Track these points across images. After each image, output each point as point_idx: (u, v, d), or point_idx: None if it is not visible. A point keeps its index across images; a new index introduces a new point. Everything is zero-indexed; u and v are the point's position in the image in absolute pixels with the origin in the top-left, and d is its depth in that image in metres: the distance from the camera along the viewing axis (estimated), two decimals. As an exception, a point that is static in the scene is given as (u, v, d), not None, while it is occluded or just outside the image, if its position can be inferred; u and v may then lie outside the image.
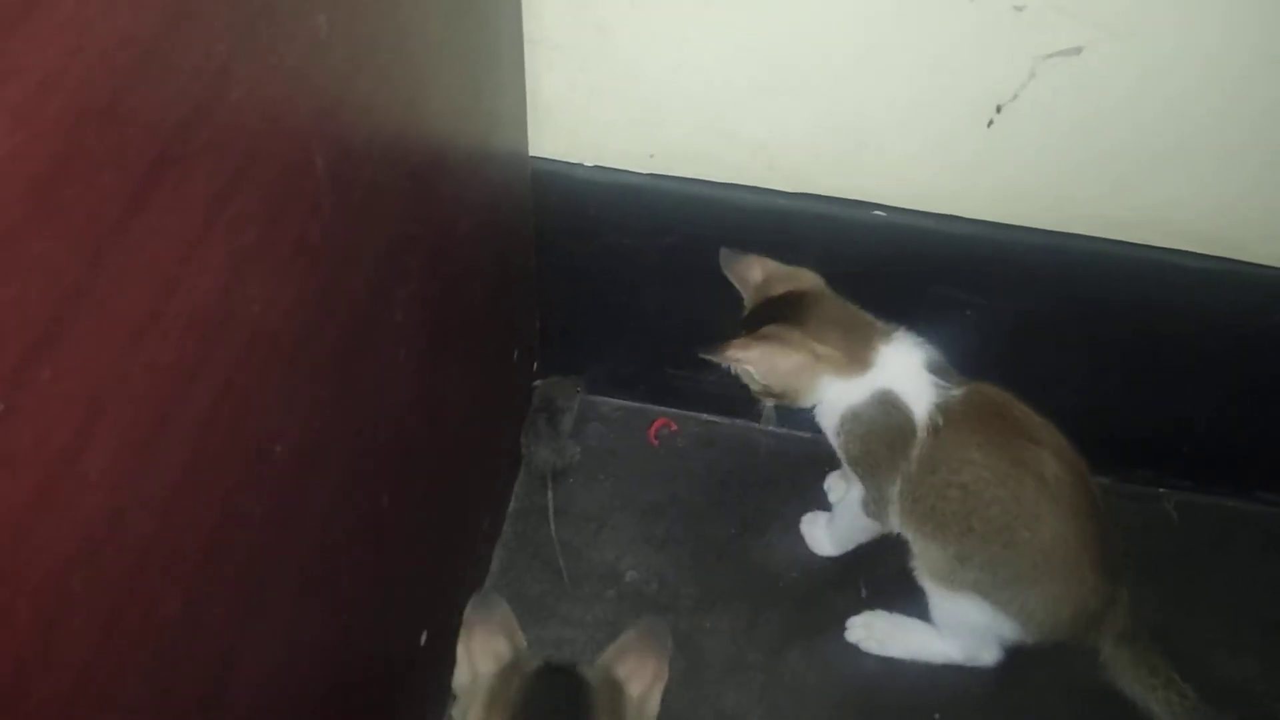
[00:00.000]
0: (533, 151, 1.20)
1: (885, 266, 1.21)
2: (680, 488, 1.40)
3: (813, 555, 1.33)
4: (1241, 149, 1.07)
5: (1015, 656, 1.20)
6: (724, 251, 1.17)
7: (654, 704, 0.92)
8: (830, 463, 1.30)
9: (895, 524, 1.16)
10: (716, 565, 1.34)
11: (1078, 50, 1.00)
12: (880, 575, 1.29)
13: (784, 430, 1.44)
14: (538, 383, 1.42)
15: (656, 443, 1.45)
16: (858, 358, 1.10)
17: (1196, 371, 1.27)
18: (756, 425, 1.43)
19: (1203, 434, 1.35)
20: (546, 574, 1.32)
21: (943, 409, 1.08)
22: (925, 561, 1.14)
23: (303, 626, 0.76)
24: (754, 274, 1.16)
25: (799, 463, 1.41)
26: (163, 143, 0.47)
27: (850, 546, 1.30)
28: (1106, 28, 0.99)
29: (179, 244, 0.49)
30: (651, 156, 1.18)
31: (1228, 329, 1.21)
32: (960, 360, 1.13)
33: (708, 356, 1.12)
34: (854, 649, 1.26)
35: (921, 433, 1.08)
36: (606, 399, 1.48)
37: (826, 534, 1.32)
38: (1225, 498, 1.40)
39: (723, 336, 1.21)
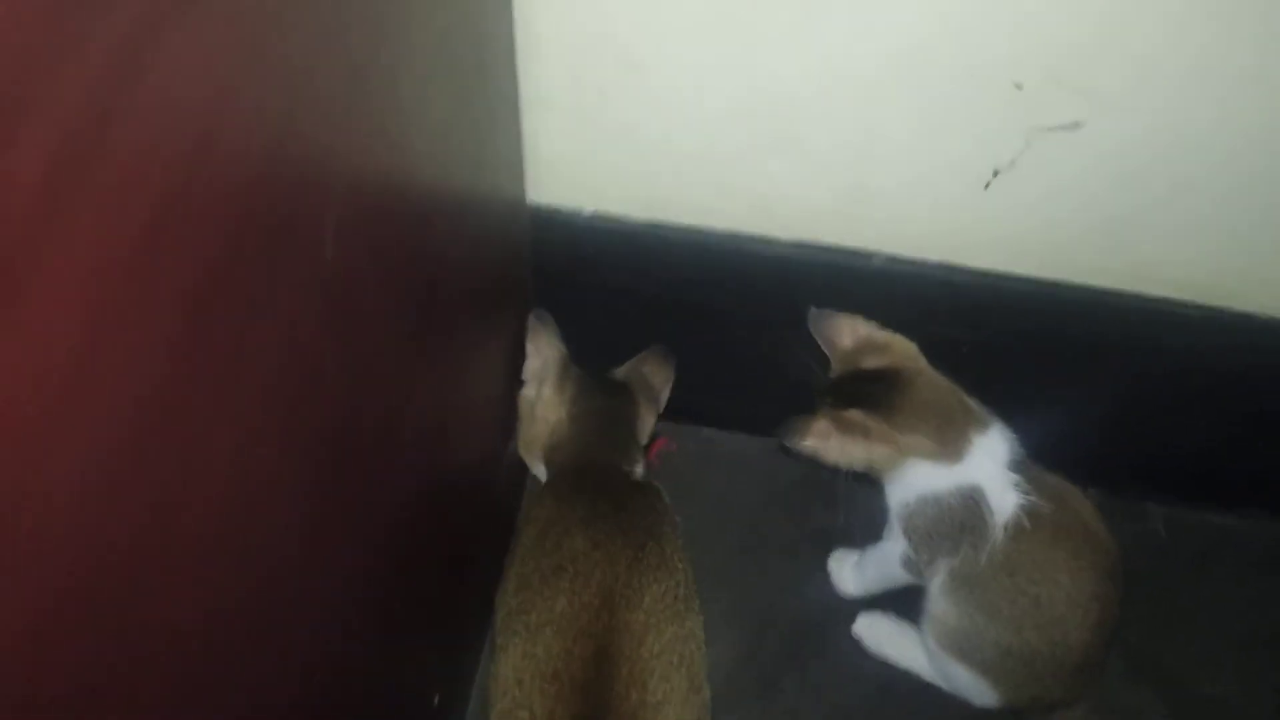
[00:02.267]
0: (531, 198, 1.19)
1: (883, 309, 1.22)
2: (680, 509, 1.42)
3: (811, 581, 1.36)
4: (1232, 210, 1.07)
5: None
6: (813, 311, 1.13)
7: (664, 397, 1.27)
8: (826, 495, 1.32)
9: (933, 586, 1.16)
10: (715, 591, 1.35)
11: (1076, 125, 0.99)
12: (880, 601, 1.33)
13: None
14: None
15: (658, 463, 1.46)
16: (949, 449, 1.08)
17: (1185, 402, 1.28)
18: (759, 440, 1.46)
19: (1191, 455, 1.38)
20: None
21: (1029, 515, 1.07)
22: (942, 626, 1.16)
23: (323, 691, 0.80)
24: (844, 340, 1.13)
25: (799, 483, 1.43)
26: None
27: (875, 591, 1.31)
28: (1106, 103, 0.98)
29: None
30: (649, 204, 1.18)
31: (1215, 367, 1.22)
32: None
33: (787, 444, 1.09)
34: (851, 679, 1.30)
35: (998, 534, 1.08)
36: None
37: (853, 576, 1.33)
38: (1212, 514, 1.44)
39: (728, 365, 1.27)
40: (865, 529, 1.39)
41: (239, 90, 0.50)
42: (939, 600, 1.17)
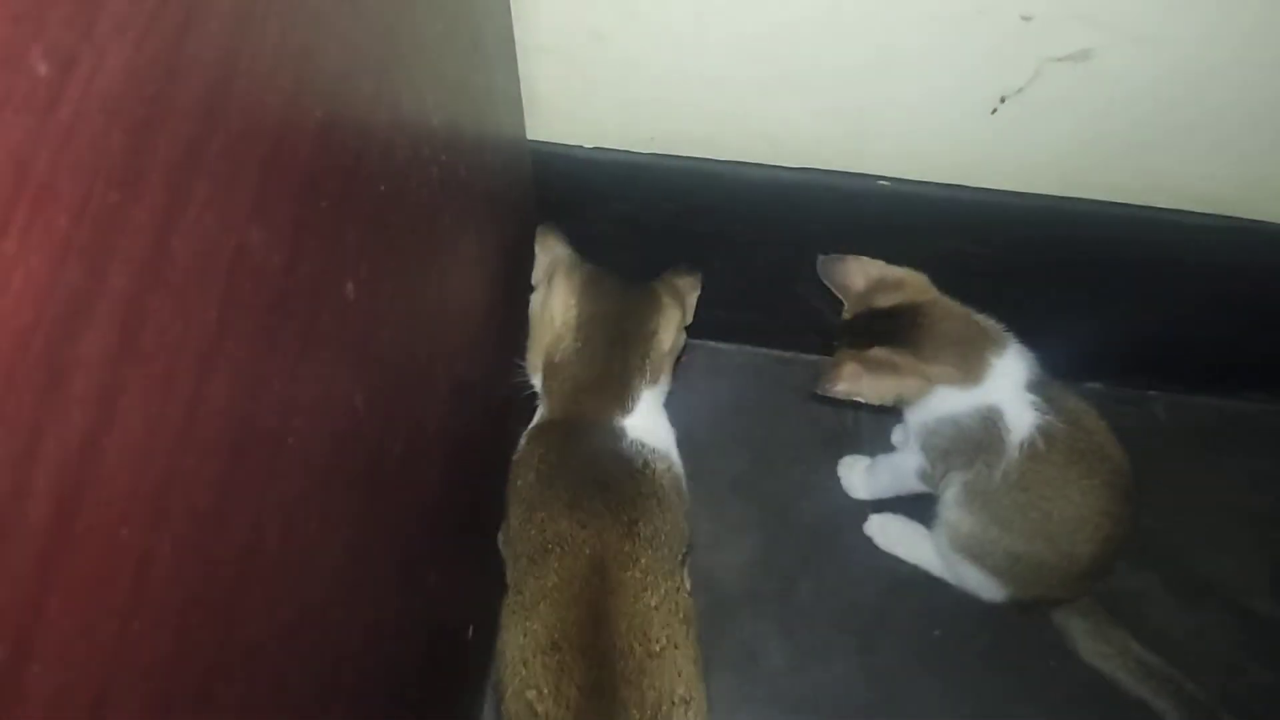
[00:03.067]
0: (531, 136, 1.18)
1: (892, 230, 1.22)
2: (692, 421, 1.44)
3: (822, 485, 1.41)
4: (1240, 129, 1.06)
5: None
6: (821, 259, 1.14)
7: (692, 303, 1.21)
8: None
9: (947, 495, 1.21)
10: (729, 500, 1.41)
11: (1085, 54, 0.97)
12: (890, 503, 1.38)
13: (790, 354, 1.49)
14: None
15: (667, 374, 1.49)
16: (971, 373, 1.11)
17: (1192, 303, 1.30)
18: (767, 352, 1.48)
19: (1194, 348, 1.40)
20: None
21: (1045, 435, 1.10)
22: (954, 531, 1.21)
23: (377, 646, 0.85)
24: (856, 282, 1.14)
25: (805, 389, 1.46)
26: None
27: (886, 496, 1.36)
28: (1116, 32, 0.95)
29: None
30: (652, 139, 1.16)
31: (1219, 269, 1.23)
32: (967, 299, 1.16)
33: (821, 392, 1.12)
34: (862, 577, 1.36)
35: (1014, 452, 1.11)
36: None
37: (864, 480, 1.38)
38: (1213, 398, 1.47)
39: (735, 283, 1.27)
40: (873, 434, 1.43)
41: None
42: (952, 508, 1.21)
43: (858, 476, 1.39)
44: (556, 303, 1.12)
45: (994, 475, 1.14)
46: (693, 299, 1.21)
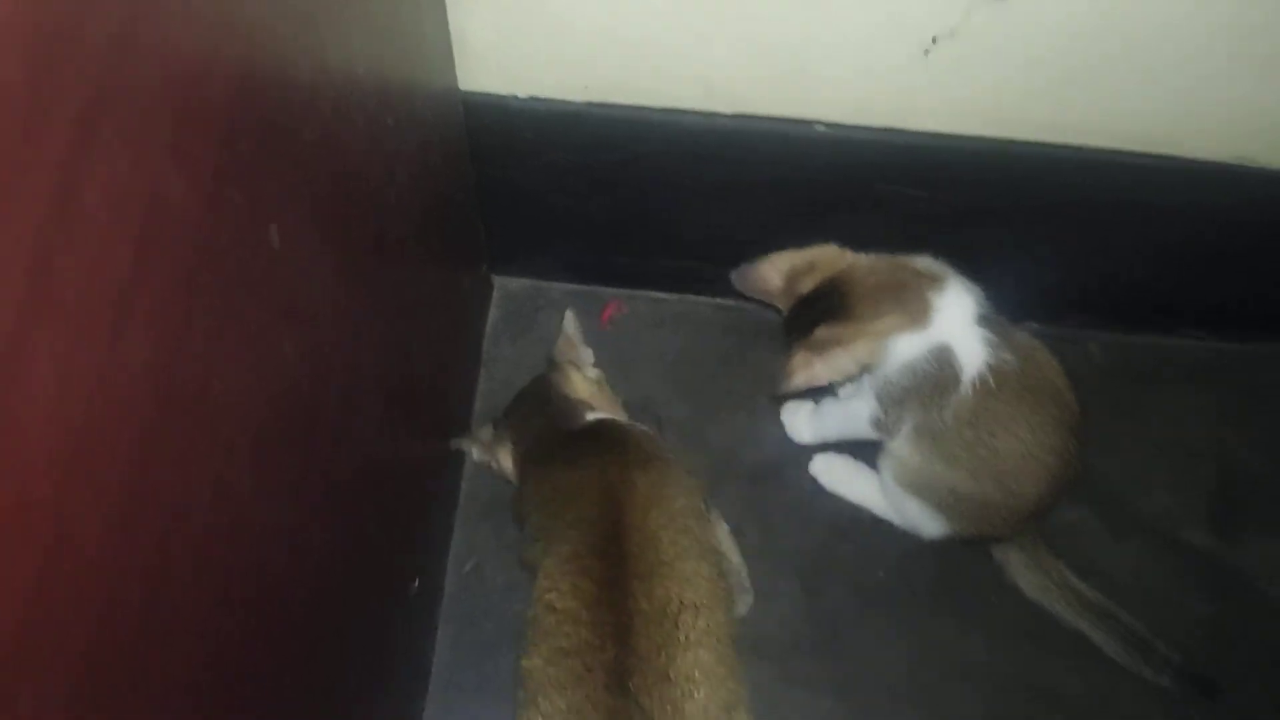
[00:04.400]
0: (463, 86, 1.15)
1: (830, 175, 1.22)
2: (636, 371, 1.46)
3: (766, 431, 1.42)
4: (1168, 67, 1.08)
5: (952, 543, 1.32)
6: (733, 275, 1.15)
7: (583, 352, 1.32)
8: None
9: (899, 443, 1.21)
10: (675, 445, 1.41)
11: (1007, -1, 0.97)
12: (831, 447, 1.39)
13: (732, 303, 1.49)
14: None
15: (609, 327, 1.48)
16: (915, 315, 1.10)
17: (1126, 243, 1.32)
18: (708, 300, 1.49)
19: (1128, 286, 1.42)
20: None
21: (995, 371, 1.10)
22: (901, 467, 1.23)
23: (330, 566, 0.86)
24: (773, 280, 1.14)
25: (747, 337, 1.47)
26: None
27: (830, 440, 1.37)
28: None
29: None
30: (586, 88, 1.15)
31: (1151, 209, 1.25)
32: (904, 243, 1.17)
33: (781, 394, 1.15)
34: (807, 522, 1.38)
35: (966, 389, 1.11)
36: (557, 284, 1.50)
37: (808, 425, 1.38)
38: (1148, 336, 1.50)
39: (675, 232, 1.29)
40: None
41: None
42: (900, 444, 1.22)
43: (802, 421, 1.40)
44: (503, 458, 1.26)
45: (945, 415, 1.14)
46: (582, 349, 1.33)
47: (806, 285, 1.12)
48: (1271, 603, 1.36)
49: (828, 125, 1.17)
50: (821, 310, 1.11)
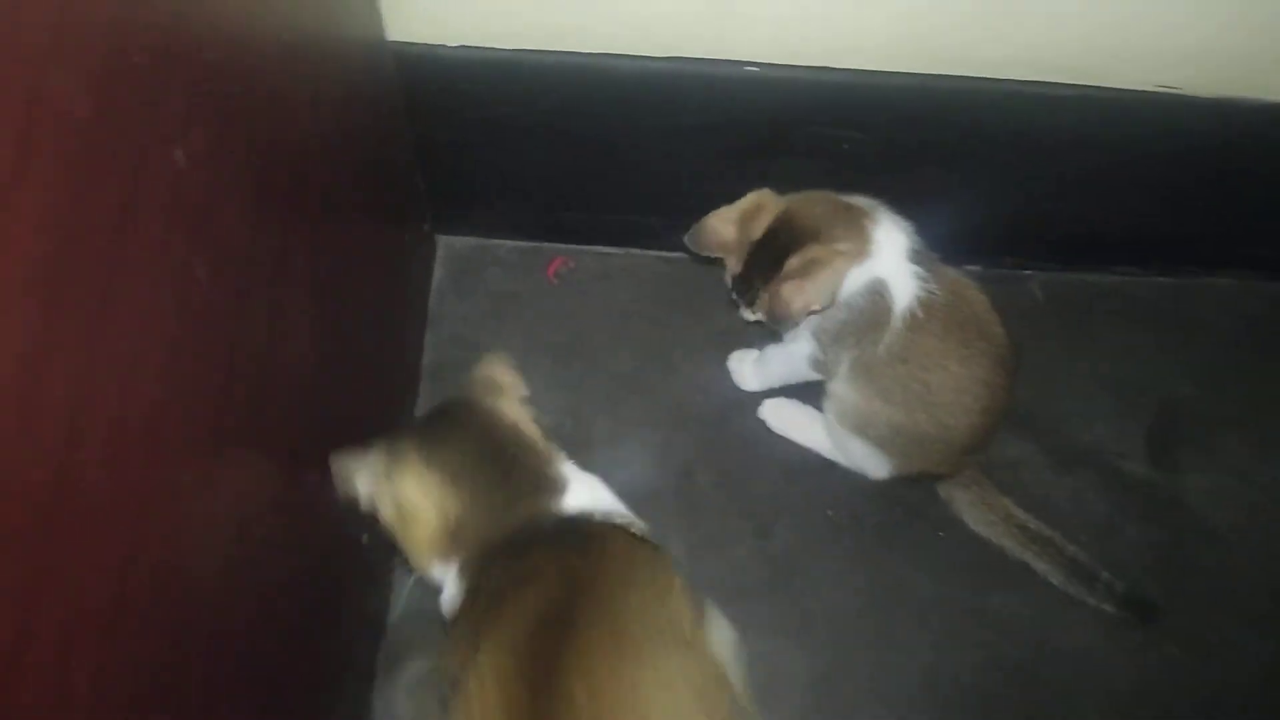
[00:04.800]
0: (392, 36, 1.16)
1: (763, 117, 1.23)
2: (584, 325, 1.47)
3: (714, 380, 1.43)
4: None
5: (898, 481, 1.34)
6: (687, 237, 1.16)
7: (507, 377, 1.05)
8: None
9: (838, 379, 1.23)
10: (626, 399, 1.43)
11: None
12: (778, 393, 1.41)
13: (677, 255, 1.49)
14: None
15: (556, 281, 1.49)
16: (860, 245, 1.12)
17: (1057, 178, 1.34)
18: (654, 254, 1.50)
19: (1063, 223, 1.45)
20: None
21: (924, 305, 1.13)
22: (841, 405, 1.24)
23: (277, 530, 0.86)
24: (726, 232, 1.15)
25: (693, 287, 1.48)
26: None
27: (776, 385, 1.39)
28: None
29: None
30: (517, 35, 1.15)
31: (1082, 142, 1.27)
32: (841, 185, 1.18)
33: (783, 326, 1.14)
34: (756, 466, 1.39)
35: (897, 324, 1.13)
36: (503, 241, 1.51)
37: (754, 372, 1.40)
38: (1086, 274, 1.52)
39: (615, 184, 1.30)
40: (760, 328, 1.45)
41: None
42: (839, 384, 1.24)
43: (748, 369, 1.41)
44: (409, 491, 0.95)
45: (878, 350, 1.16)
46: (505, 372, 1.06)
47: (758, 229, 1.13)
48: (1209, 529, 1.39)
49: (759, 66, 1.18)
50: (784, 243, 1.12)
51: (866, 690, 1.28)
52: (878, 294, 1.14)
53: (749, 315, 1.20)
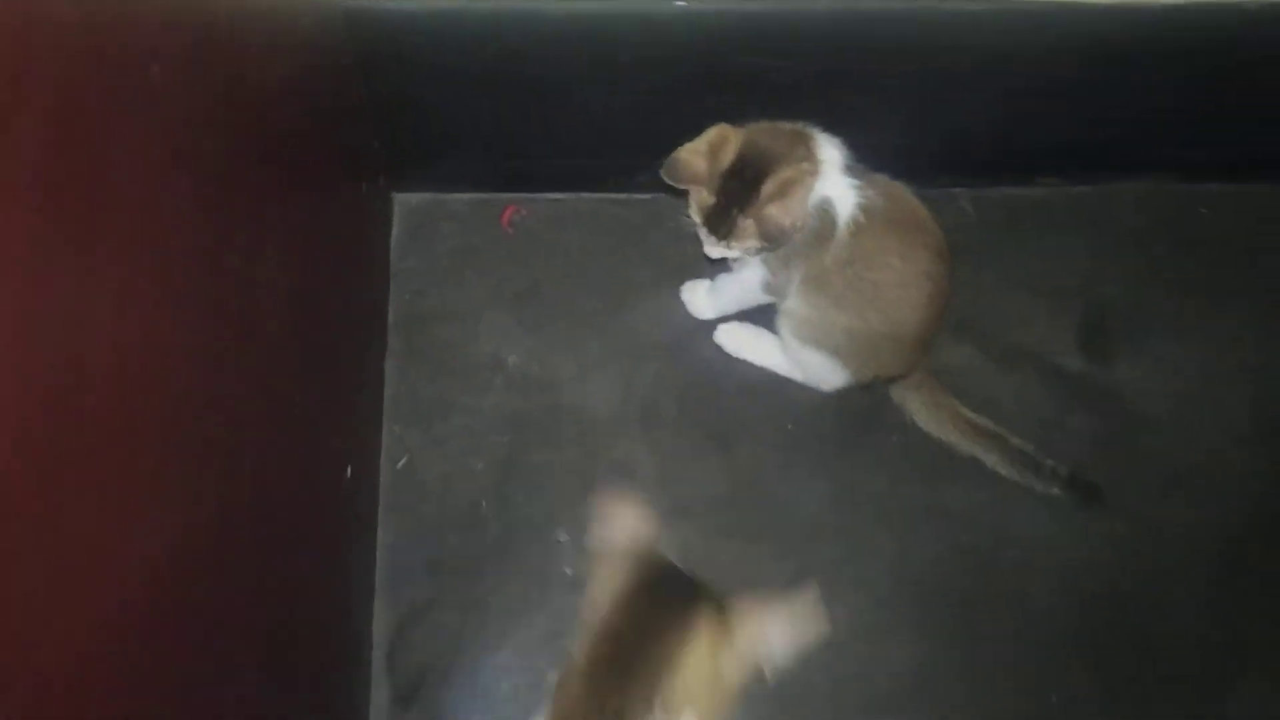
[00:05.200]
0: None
1: (693, 52, 1.29)
2: (542, 271, 1.53)
3: (670, 313, 1.50)
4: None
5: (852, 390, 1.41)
6: (663, 170, 1.20)
7: (756, 635, 0.94)
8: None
9: (791, 300, 1.31)
10: (587, 337, 1.49)
11: None
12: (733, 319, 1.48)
13: (624, 196, 1.56)
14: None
15: (511, 230, 1.55)
16: (815, 165, 1.20)
17: (976, 92, 1.41)
18: (601, 196, 1.56)
19: (986, 138, 1.52)
20: (438, 373, 1.46)
21: (864, 211, 1.21)
22: (795, 321, 1.32)
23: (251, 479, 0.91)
24: (699, 164, 1.19)
25: (643, 226, 1.55)
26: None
27: (730, 312, 1.46)
28: None
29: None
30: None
31: (998, 59, 1.35)
32: (774, 115, 1.25)
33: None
34: (716, 390, 1.46)
35: (842, 234, 1.22)
36: (455, 195, 1.56)
37: (708, 300, 1.47)
38: (1013, 187, 1.60)
39: (564, 128, 1.35)
40: (715, 262, 1.51)
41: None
42: (791, 301, 1.32)
43: (701, 298, 1.48)
44: (604, 582, 0.96)
45: (827, 261, 1.24)
46: (757, 627, 0.94)
47: (725, 160, 1.19)
48: (1143, 416, 1.49)
49: (686, 1, 1.24)
50: (756, 170, 1.18)
51: (836, 583, 1.36)
52: (824, 210, 1.22)
53: (715, 250, 1.25)
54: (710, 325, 1.49)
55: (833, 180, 1.22)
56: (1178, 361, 1.52)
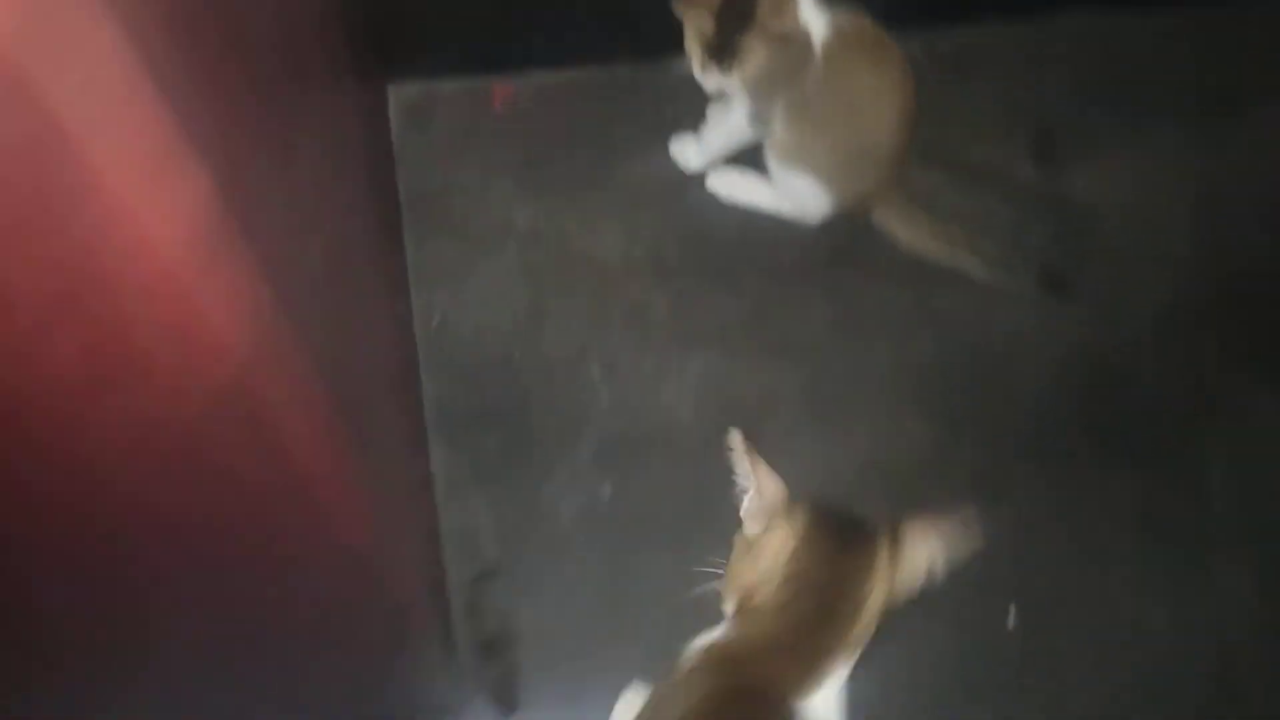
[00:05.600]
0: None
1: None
2: (538, 143, 1.63)
3: (662, 168, 1.60)
4: None
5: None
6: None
7: (920, 554, 1.00)
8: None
9: (775, 128, 1.43)
10: (589, 197, 1.60)
11: None
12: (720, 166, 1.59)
13: (602, 67, 1.66)
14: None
15: (502, 109, 1.64)
16: None
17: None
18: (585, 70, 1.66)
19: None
20: (454, 238, 1.56)
21: (835, 33, 1.35)
22: (782, 147, 1.45)
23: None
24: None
25: (625, 93, 1.65)
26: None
27: (718, 160, 1.57)
28: None
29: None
30: None
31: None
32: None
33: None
34: (715, 231, 1.58)
35: (818, 58, 1.35)
36: (446, 83, 1.64)
37: (696, 151, 1.58)
38: (960, 30, 1.72)
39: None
40: (692, 115, 1.63)
41: None
42: (777, 128, 1.44)
43: (690, 150, 1.60)
44: (771, 545, 1.00)
45: (806, 85, 1.37)
46: (922, 548, 1.00)
47: None
48: (1095, 214, 1.64)
49: None
50: (745, 5, 1.31)
51: (844, 386, 1.50)
52: (803, 35, 1.35)
53: (713, 81, 1.37)
54: (701, 179, 1.60)
55: (806, 7, 1.35)
56: (1123, 164, 1.67)
